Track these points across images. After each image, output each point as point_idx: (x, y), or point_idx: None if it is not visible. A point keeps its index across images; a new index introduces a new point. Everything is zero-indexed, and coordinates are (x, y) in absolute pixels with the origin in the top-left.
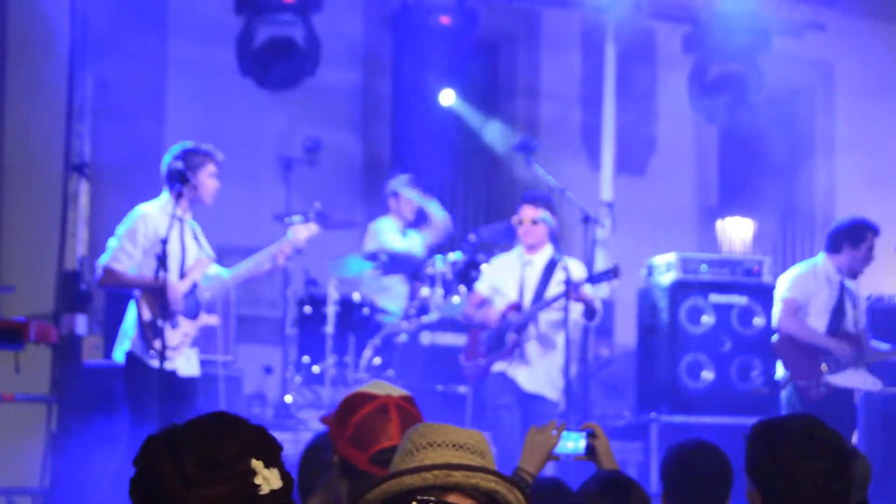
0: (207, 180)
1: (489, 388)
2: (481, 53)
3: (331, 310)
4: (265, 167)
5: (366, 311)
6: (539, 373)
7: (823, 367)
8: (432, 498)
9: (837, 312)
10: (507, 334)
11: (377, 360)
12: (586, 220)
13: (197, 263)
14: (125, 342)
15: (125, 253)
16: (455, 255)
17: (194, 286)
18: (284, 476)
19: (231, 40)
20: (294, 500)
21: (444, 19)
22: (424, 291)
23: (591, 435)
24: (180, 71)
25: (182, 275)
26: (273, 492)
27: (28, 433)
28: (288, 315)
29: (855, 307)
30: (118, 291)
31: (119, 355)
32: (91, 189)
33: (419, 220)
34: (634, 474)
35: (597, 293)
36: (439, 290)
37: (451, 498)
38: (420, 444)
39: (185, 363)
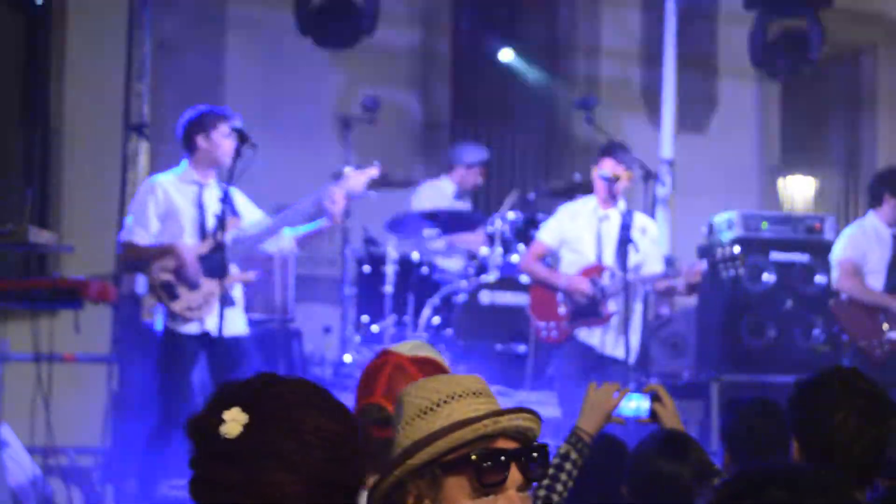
0: (223, 140)
1: (562, 354)
2: (541, 11)
3: (390, 269)
4: (324, 126)
5: (425, 270)
6: (618, 336)
7: (885, 326)
8: (496, 447)
9: (894, 266)
10: (600, 302)
11: (436, 320)
12: (647, 177)
13: (220, 224)
14: (144, 312)
15: (140, 225)
16: (513, 215)
17: (220, 246)
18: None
19: None
20: None
21: None
22: (483, 250)
23: (654, 397)
24: (239, 30)
25: (203, 237)
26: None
27: (89, 393)
28: (347, 274)
29: None
30: (142, 260)
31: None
32: (150, 149)
33: (457, 225)
34: (695, 433)
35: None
36: (498, 249)
37: (499, 443)
38: (439, 399)
39: (223, 323)
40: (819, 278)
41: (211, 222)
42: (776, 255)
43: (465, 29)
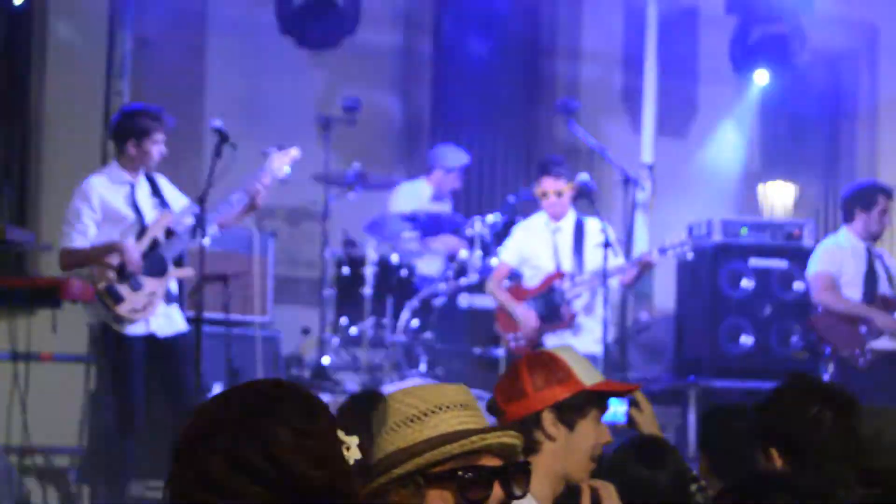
0: (153, 149)
1: None
2: (523, 14)
3: (369, 271)
4: (304, 127)
5: (404, 272)
6: (587, 336)
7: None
8: (481, 464)
9: (869, 278)
10: (561, 306)
11: (415, 322)
12: (626, 181)
13: (156, 221)
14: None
15: (76, 231)
16: (494, 217)
17: (155, 243)
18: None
19: None
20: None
21: None
22: (463, 253)
23: (631, 402)
24: (220, 29)
25: (140, 236)
26: (356, 462)
27: (66, 392)
28: (326, 276)
29: (886, 269)
30: (85, 265)
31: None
32: None
33: (436, 228)
34: (672, 439)
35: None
36: (478, 252)
37: (484, 460)
38: (426, 409)
39: (165, 322)
40: (798, 285)
41: (148, 219)
42: (755, 262)
43: (447, 30)
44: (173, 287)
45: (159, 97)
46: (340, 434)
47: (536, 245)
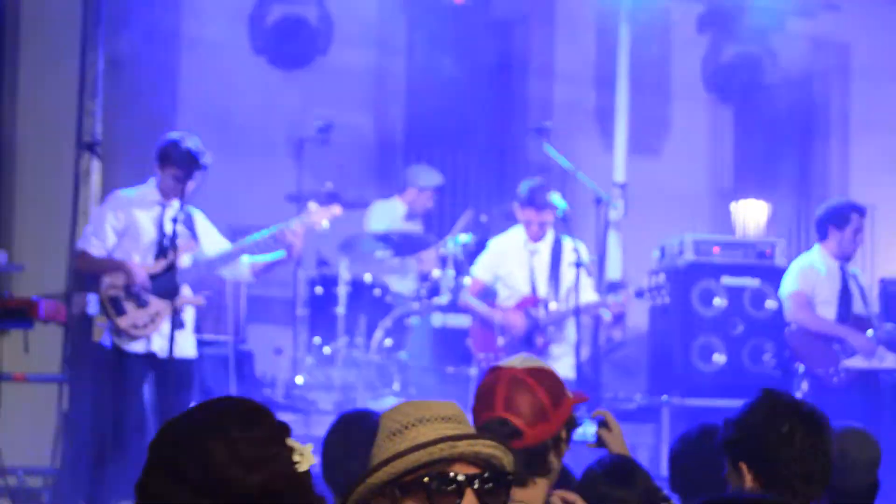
0: (191, 185)
1: None
2: (495, 33)
3: (342, 290)
4: (277, 146)
5: (377, 291)
6: (560, 364)
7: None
8: (449, 472)
9: (844, 297)
10: (535, 333)
11: (388, 342)
12: (598, 201)
13: (177, 247)
14: (95, 331)
15: (96, 236)
16: (466, 237)
17: (172, 267)
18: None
19: (244, 19)
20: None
21: None
22: (436, 273)
23: (601, 423)
24: (193, 49)
25: (159, 257)
26: (311, 468)
27: (39, 413)
28: (299, 295)
29: (860, 289)
30: (93, 272)
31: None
32: (103, 168)
33: (409, 247)
34: (645, 457)
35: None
36: (451, 272)
37: (455, 468)
38: (407, 423)
39: (168, 344)
40: (770, 303)
41: (168, 242)
42: (727, 280)
43: (420, 50)
44: (187, 314)
45: (132, 117)
46: (291, 441)
47: (512, 265)
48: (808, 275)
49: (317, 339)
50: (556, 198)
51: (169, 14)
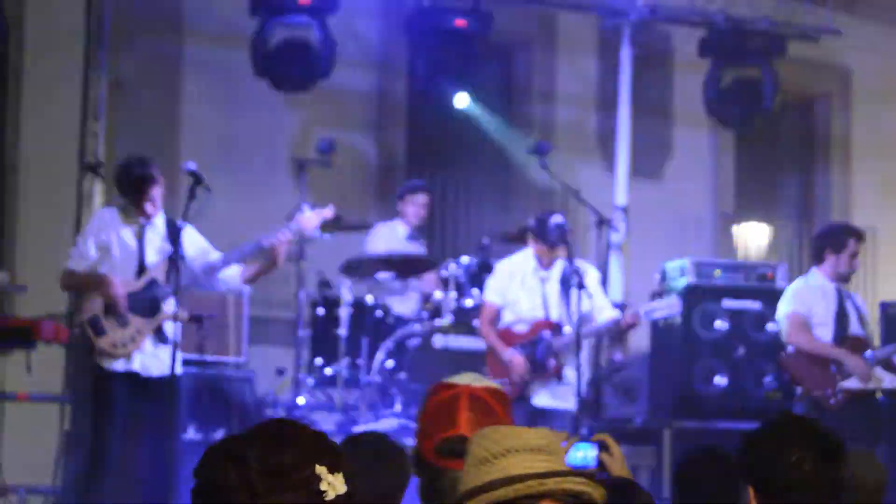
0: (158, 200)
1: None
2: (497, 56)
3: (344, 311)
4: (279, 169)
5: (379, 313)
6: (566, 388)
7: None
8: None
9: (840, 318)
10: (548, 358)
11: (390, 363)
12: (600, 223)
13: (157, 264)
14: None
15: (80, 254)
16: (468, 259)
17: (153, 284)
18: (349, 480)
19: (246, 41)
20: None
21: (460, 22)
22: (438, 294)
23: (602, 446)
24: (195, 71)
25: (140, 273)
26: (338, 497)
27: (41, 432)
28: (301, 316)
29: (857, 309)
30: (77, 289)
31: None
32: (105, 189)
33: (411, 269)
34: (646, 480)
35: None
36: (452, 293)
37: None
38: (497, 452)
39: (152, 362)
40: (771, 326)
41: (150, 258)
42: (728, 303)
43: (421, 73)
44: (168, 329)
45: (134, 139)
46: (320, 469)
47: (520, 291)
48: (804, 296)
49: (318, 360)
50: (557, 220)
51: (171, 36)
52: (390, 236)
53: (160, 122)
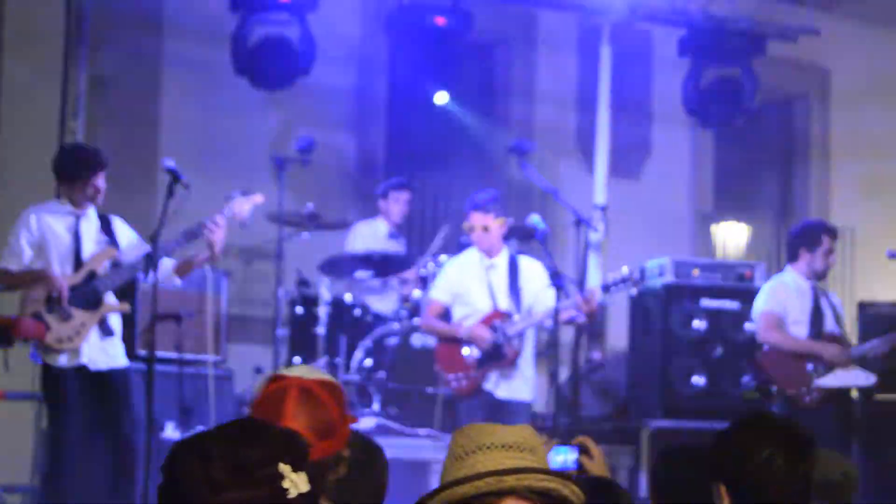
0: (99, 185)
1: (465, 408)
2: (477, 55)
3: (322, 310)
4: (258, 166)
5: (357, 311)
6: (517, 377)
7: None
8: None
9: (815, 316)
10: (503, 345)
11: (368, 362)
12: (579, 222)
13: (94, 254)
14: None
15: (12, 252)
16: (446, 257)
17: (93, 276)
18: (313, 479)
19: (226, 39)
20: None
21: (440, 20)
22: (416, 293)
23: (581, 450)
24: (175, 69)
25: (77, 267)
26: (301, 495)
27: (18, 430)
28: (279, 315)
29: (832, 307)
30: (15, 288)
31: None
32: None
33: (390, 267)
34: (625, 479)
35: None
36: None
37: (507, 501)
38: (469, 448)
39: (100, 356)
40: (749, 325)
41: (87, 251)
42: (707, 302)
43: (401, 71)
44: (114, 321)
45: (114, 137)
46: (283, 467)
47: (469, 282)
48: (779, 295)
49: (297, 359)
50: (535, 219)
51: (151, 34)
52: (371, 234)
53: (139, 119)
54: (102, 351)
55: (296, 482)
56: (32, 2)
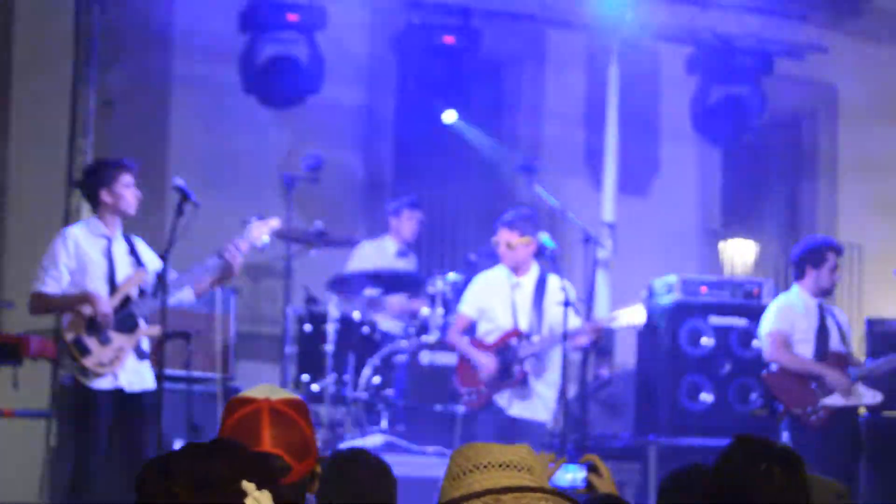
0: (125, 192)
1: (477, 422)
2: (485, 73)
3: (331, 328)
4: (267, 185)
5: (366, 329)
6: (533, 397)
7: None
8: None
9: (821, 335)
10: (514, 365)
11: (376, 379)
12: (587, 240)
13: (129, 278)
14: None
15: (50, 276)
16: (455, 275)
17: (127, 300)
18: (293, 499)
19: (235, 58)
20: None
21: (449, 39)
22: (425, 311)
23: (590, 468)
24: (184, 88)
25: (112, 290)
26: None
27: (27, 448)
28: (287, 332)
29: (838, 326)
30: (54, 312)
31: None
32: None
33: (399, 286)
34: (632, 496)
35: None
36: (440, 310)
37: None
38: (466, 468)
39: (135, 378)
40: (757, 343)
41: (121, 274)
42: (715, 320)
43: (410, 89)
44: (144, 345)
45: (123, 156)
46: (247, 485)
47: (494, 299)
48: (786, 313)
49: (305, 377)
50: (545, 237)
51: (160, 53)
52: (378, 253)
53: (149, 138)
54: (137, 374)
55: (259, 499)
56: (42, 22)
